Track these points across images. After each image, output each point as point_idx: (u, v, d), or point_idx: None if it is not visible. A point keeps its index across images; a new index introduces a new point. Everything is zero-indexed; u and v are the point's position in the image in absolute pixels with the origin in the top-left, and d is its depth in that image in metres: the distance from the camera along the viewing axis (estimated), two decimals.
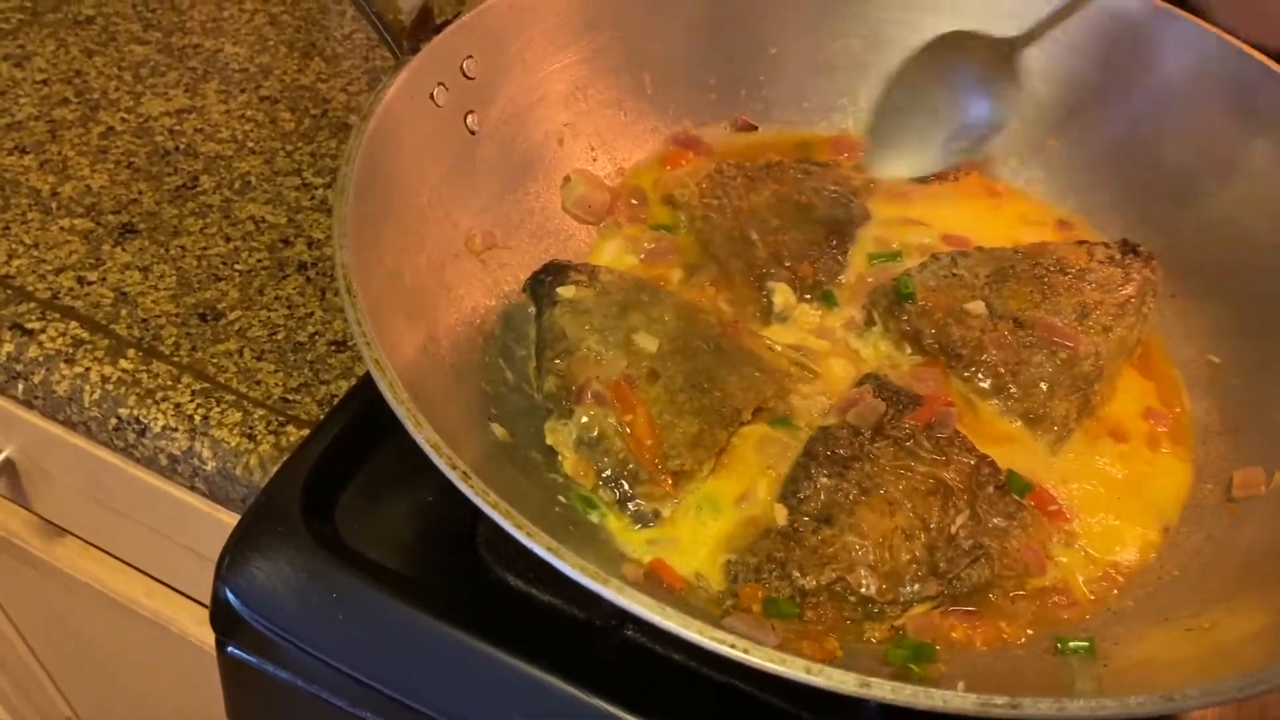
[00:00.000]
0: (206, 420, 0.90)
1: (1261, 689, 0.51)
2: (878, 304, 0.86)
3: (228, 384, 0.93)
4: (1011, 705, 0.49)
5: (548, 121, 0.91)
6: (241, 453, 0.89)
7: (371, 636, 0.77)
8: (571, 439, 0.73)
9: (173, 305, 0.98)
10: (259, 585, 0.79)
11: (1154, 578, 0.73)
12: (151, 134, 1.15)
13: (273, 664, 0.81)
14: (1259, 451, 0.77)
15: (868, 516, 0.72)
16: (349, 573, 0.78)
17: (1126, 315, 0.84)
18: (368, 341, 0.59)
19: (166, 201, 1.08)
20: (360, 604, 0.77)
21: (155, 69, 1.23)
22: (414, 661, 0.76)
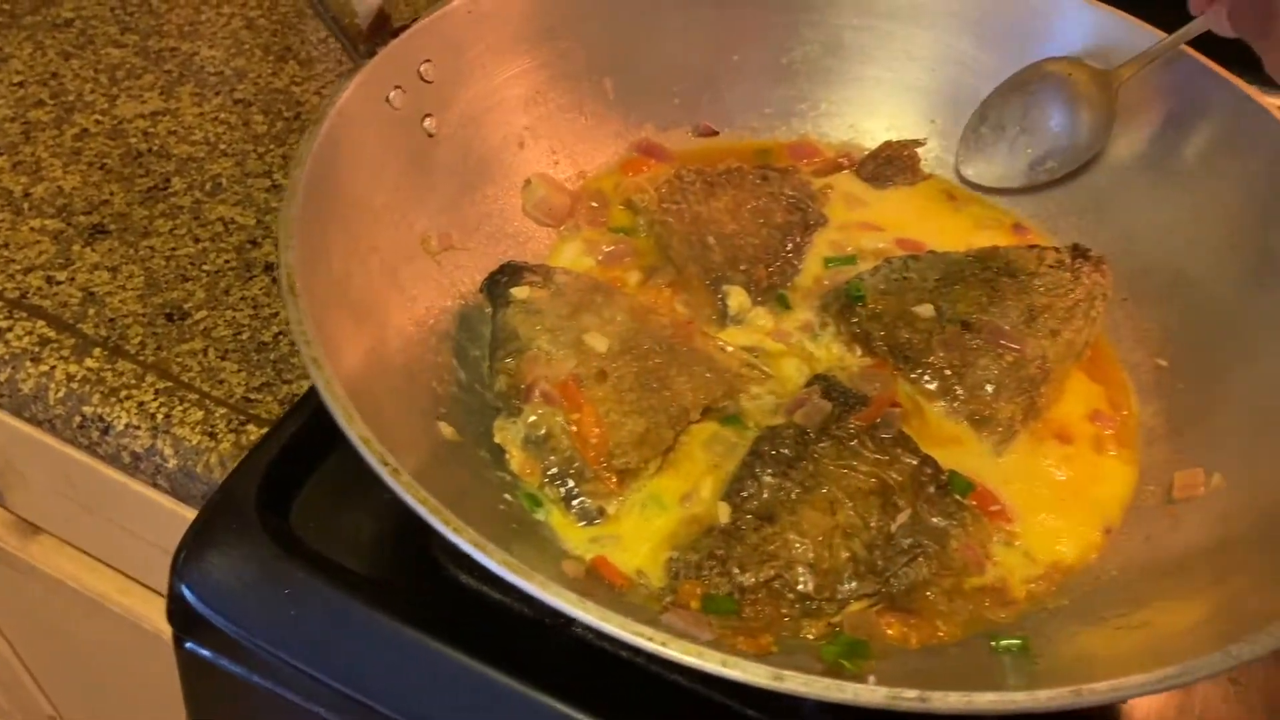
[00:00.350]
0: (169, 419, 0.91)
1: (1166, 686, 0.52)
2: (830, 307, 0.87)
3: (191, 383, 0.94)
4: (921, 698, 0.49)
5: (507, 125, 0.92)
6: (202, 451, 0.90)
7: (324, 633, 0.78)
8: (519, 437, 0.74)
9: (140, 305, 1.00)
10: (214, 581, 0.80)
11: (1092, 578, 0.73)
12: (125, 136, 1.16)
13: (229, 660, 0.82)
14: (1200, 454, 0.78)
15: (809, 515, 0.73)
16: (302, 569, 0.78)
17: (1074, 319, 0.85)
18: (307, 340, 0.61)
19: (137, 203, 1.09)
20: (312, 601, 0.78)
21: (131, 71, 1.24)
22: (366, 658, 0.77)
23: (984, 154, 0.97)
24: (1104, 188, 0.93)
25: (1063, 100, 0.93)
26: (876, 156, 1.00)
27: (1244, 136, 0.85)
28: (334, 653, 0.77)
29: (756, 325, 0.88)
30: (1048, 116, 0.94)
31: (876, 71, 1.01)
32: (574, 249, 0.92)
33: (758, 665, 0.50)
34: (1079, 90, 0.91)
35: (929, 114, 1.00)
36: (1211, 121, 0.87)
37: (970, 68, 0.98)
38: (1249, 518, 0.71)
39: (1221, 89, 0.86)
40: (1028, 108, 0.94)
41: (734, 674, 0.50)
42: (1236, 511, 0.72)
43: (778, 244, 0.92)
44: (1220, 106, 0.86)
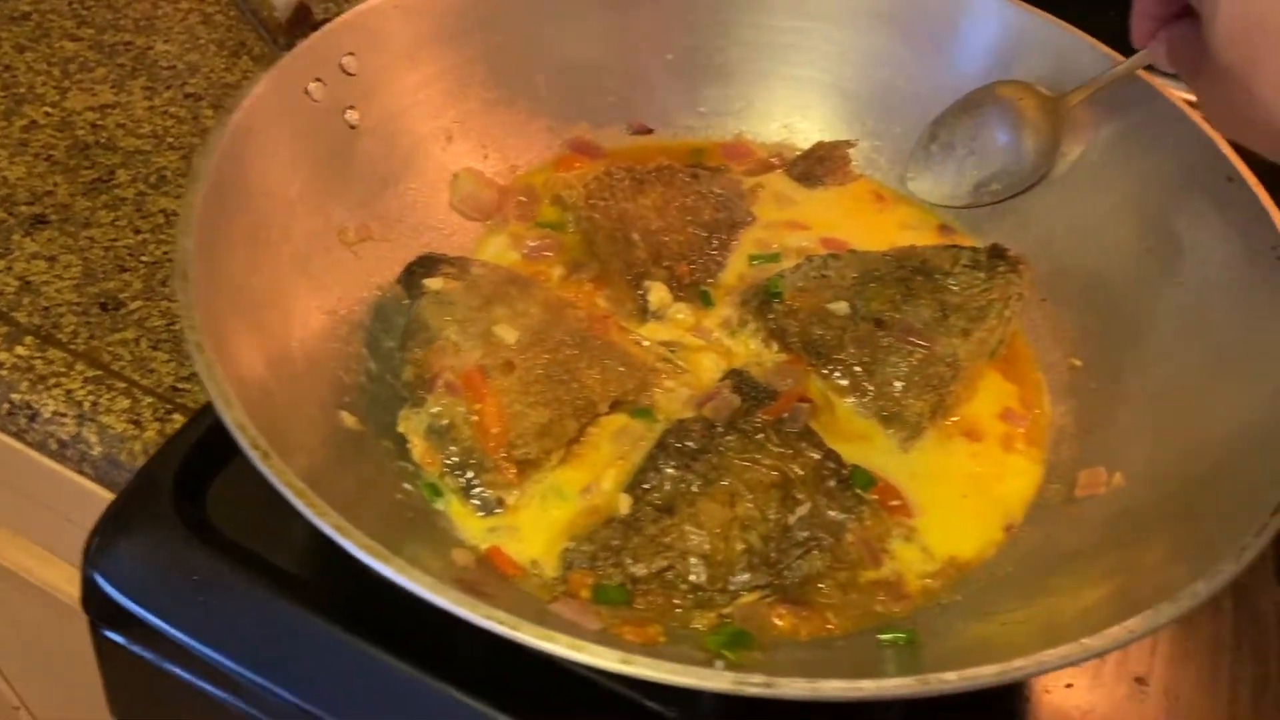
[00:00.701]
0: (95, 406, 0.92)
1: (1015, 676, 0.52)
2: (749, 303, 0.88)
3: (120, 371, 0.94)
4: (767, 684, 0.50)
5: (435, 118, 0.93)
6: (127, 439, 0.90)
7: (235, 622, 0.78)
8: (422, 427, 0.74)
9: (75, 294, 1.00)
10: (126, 568, 0.80)
11: (988, 574, 0.74)
12: (73, 128, 1.17)
13: (142, 647, 0.82)
14: (1105, 453, 0.78)
15: (708, 507, 0.73)
16: (215, 557, 0.79)
17: (987, 318, 0.85)
18: (192, 325, 0.61)
19: (80, 194, 1.10)
20: (224, 589, 0.78)
21: (84, 65, 1.25)
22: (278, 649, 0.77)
23: (932, 172, 0.97)
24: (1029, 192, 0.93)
25: (1009, 124, 0.93)
26: (808, 156, 1.00)
27: (1152, 131, 0.85)
28: (245, 642, 0.77)
29: (676, 321, 0.88)
30: (995, 140, 0.94)
31: (810, 73, 1.01)
32: (499, 243, 0.92)
33: (606, 649, 0.51)
34: (1026, 116, 0.92)
35: (861, 115, 1.01)
36: (1124, 118, 0.88)
37: (901, 71, 0.99)
38: (1139, 520, 0.71)
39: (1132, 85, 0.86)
40: (977, 129, 0.95)
41: (583, 657, 0.51)
42: (1132, 509, 0.72)
43: (703, 241, 0.92)
44: (1132, 102, 0.87)
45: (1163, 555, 0.67)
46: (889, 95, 0.99)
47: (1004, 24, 0.93)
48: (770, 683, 0.50)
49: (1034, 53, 0.91)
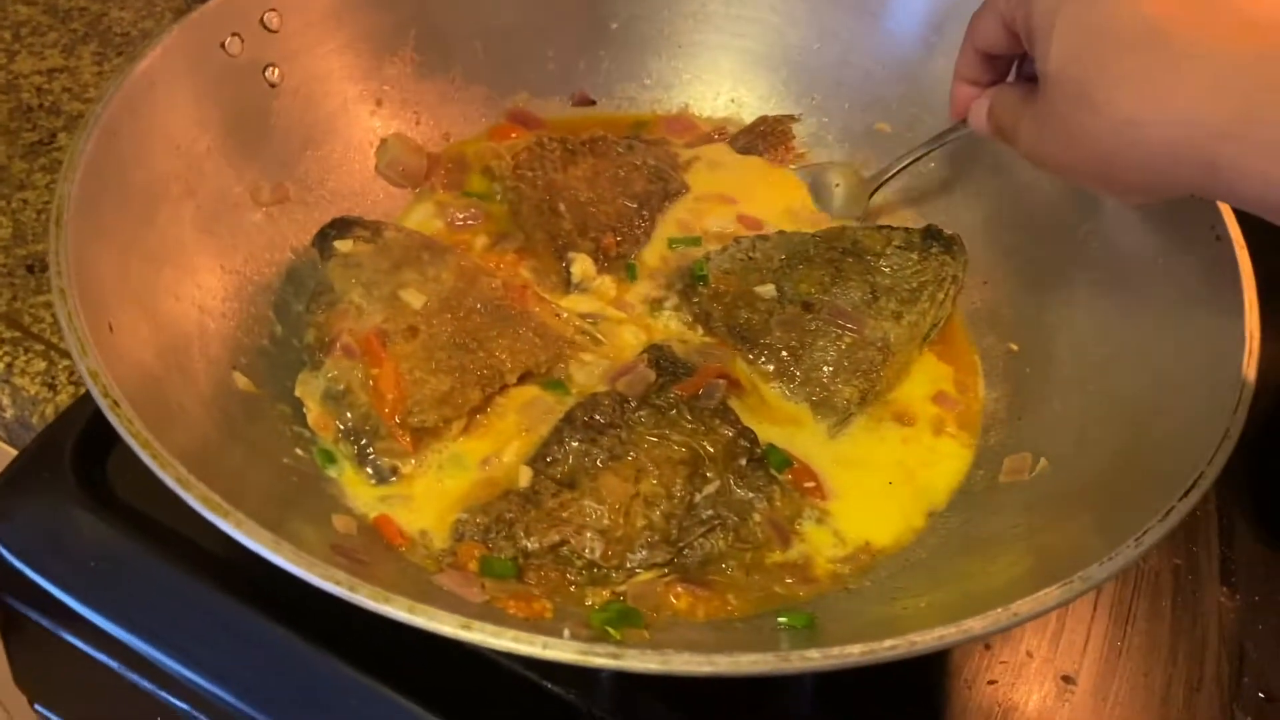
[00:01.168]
0: (10, 368, 0.90)
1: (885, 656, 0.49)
2: (674, 285, 0.85)
3: (40, 335, 0.92)
4: (613, 655, 0.47)
5: (363, 80, 0.90)
6: (39, 401, 0.88)
7: (128, 590, 0.76)
8: (318, 391, 0.72)
9: (2, 255, 0.98)
10: (21, 532, 0.78)
11: (902, 560, 0.71)
12: (18, 91, 1.15)
13: (38, 613, 0.80)
14: (1034, 439, 0.75)
15: (610, 482, 0.70)
16: (109, 524, 0.77)
17: (918, 301, 0.82)
18: (58, 271, 0.59)
19: (19, 156, 1.08)
20: (118, 556, 0.76)
21: (36, 29, 1.23)
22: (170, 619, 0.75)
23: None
24: (977, 167, 0.90)
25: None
26: (751, 130, 0.97)
27: None
28: (139, 611, 0.75)
29: (600, 294, 0.85)
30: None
31: (758, 45, 0.98)
32: (425, 211, 0.90)
33: (446, 614, 0.48)
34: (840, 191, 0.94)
35: (809, 90, 0.98)
36: None
37: (852, 45, 0.96)
38: (1059, 503, 0.68)
39: None
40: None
41: (419, 621, 0.48)
42: (1050, 497, 0.69)
43: (632, 213, 0.89)
44: None
45: (1076, 534, 0.63)
46: (838, 70, 0.96)
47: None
48: (617, 654, 0.47)
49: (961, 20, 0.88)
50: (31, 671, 0.87)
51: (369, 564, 0.62)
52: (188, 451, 0.57)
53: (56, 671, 0.84)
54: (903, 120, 0.94)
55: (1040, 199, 0.85)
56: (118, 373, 0.57)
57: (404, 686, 0.67)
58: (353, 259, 0.78)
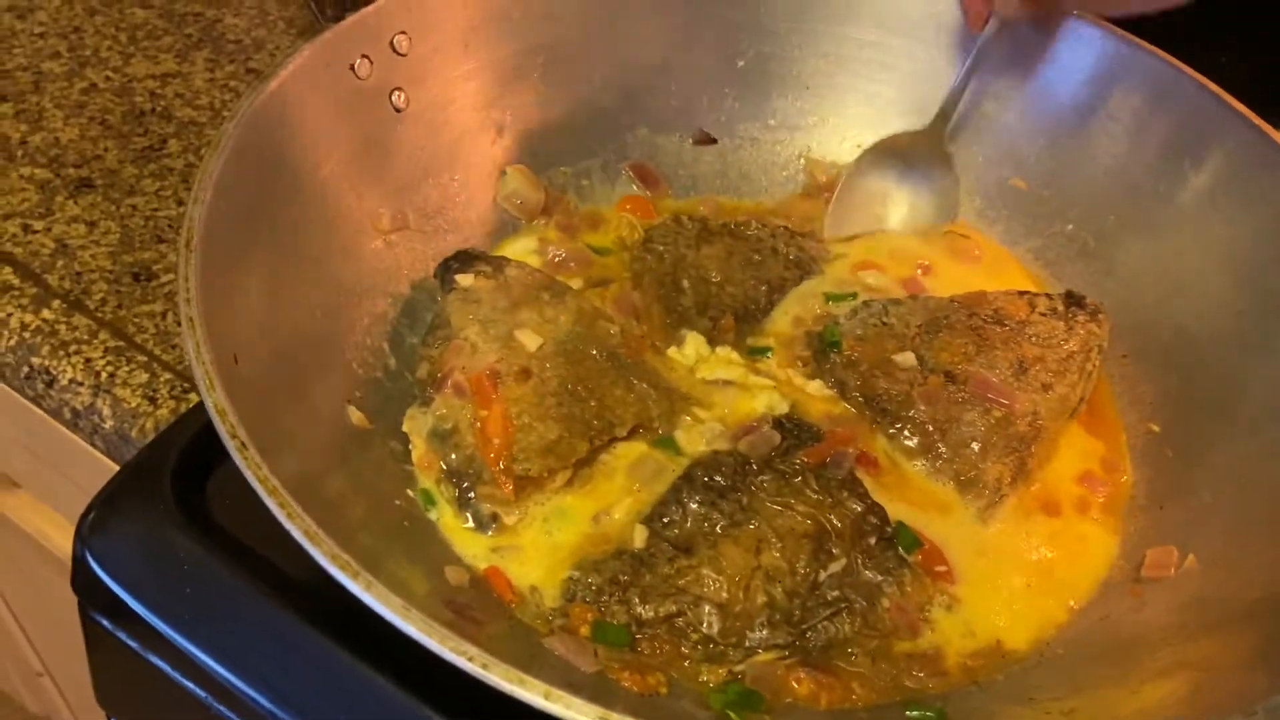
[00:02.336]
0: (113, 378, 0.89)
1: None
2: (804, 352, 0.81)
3: (143, 345, 0.91)
4: None
5: (486, 109, 0.88)
6: (140, 414, 0.87)
7: (218, 618, 0.74)
8: (426, 429, 0.69)
9: (109, 262, 0.98)
10: (116, 550, 0.76)
11: (1037, 654, 0.66)
12: (132, 94, 1.15)
13: (126, 633, 0.78)
14: (1178, 532, 0.70)
15: (730, 551, 0.67)
16: (205, 549, 0.75)
17: (1069, 373, 0.77)
18: (188, 299, 0.57)
19: (130, 161, 1.08)
20: (211, 582, 0.74)
21: (151, 33, 1.23)
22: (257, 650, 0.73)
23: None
24: (1113, 231, 0.85)
25: (904, 174, 0.92)
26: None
27: (1254, 178, 0.77)
28: (227, 640, 0.73)
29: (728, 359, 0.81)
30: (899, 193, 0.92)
31: (889, 91, 0.94)
32: (526, 244, 0.87)
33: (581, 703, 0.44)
34: (913, 160, 0.90)
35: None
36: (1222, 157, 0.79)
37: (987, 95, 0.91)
38: (1214, 611, 0.63)
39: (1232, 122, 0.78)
40: (876, 188, 0.93)
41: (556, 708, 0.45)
42: (1203, 601, 0.64)
43: (761, 297, 0.85)
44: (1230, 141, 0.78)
45: (1237, 657, 0.59)
46: (977, 120, 0.92)
47: (1103, 52, 0.85)
48: None
49: (1129, 86, 0.84)
50: (114, 690, 0.86)
51: (483, 623, 0.59)
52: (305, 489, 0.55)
53: (139, 693, 0.83)
54: (1041, 178, 0.90)
55: (1191, 271, 0.81)
56: (242, 409, 0.55)
57: None
58: (472, 294, 0.75)
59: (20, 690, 1.76)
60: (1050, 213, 0.89)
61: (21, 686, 1.74)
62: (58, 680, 1.68)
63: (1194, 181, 0.80)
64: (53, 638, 1.60)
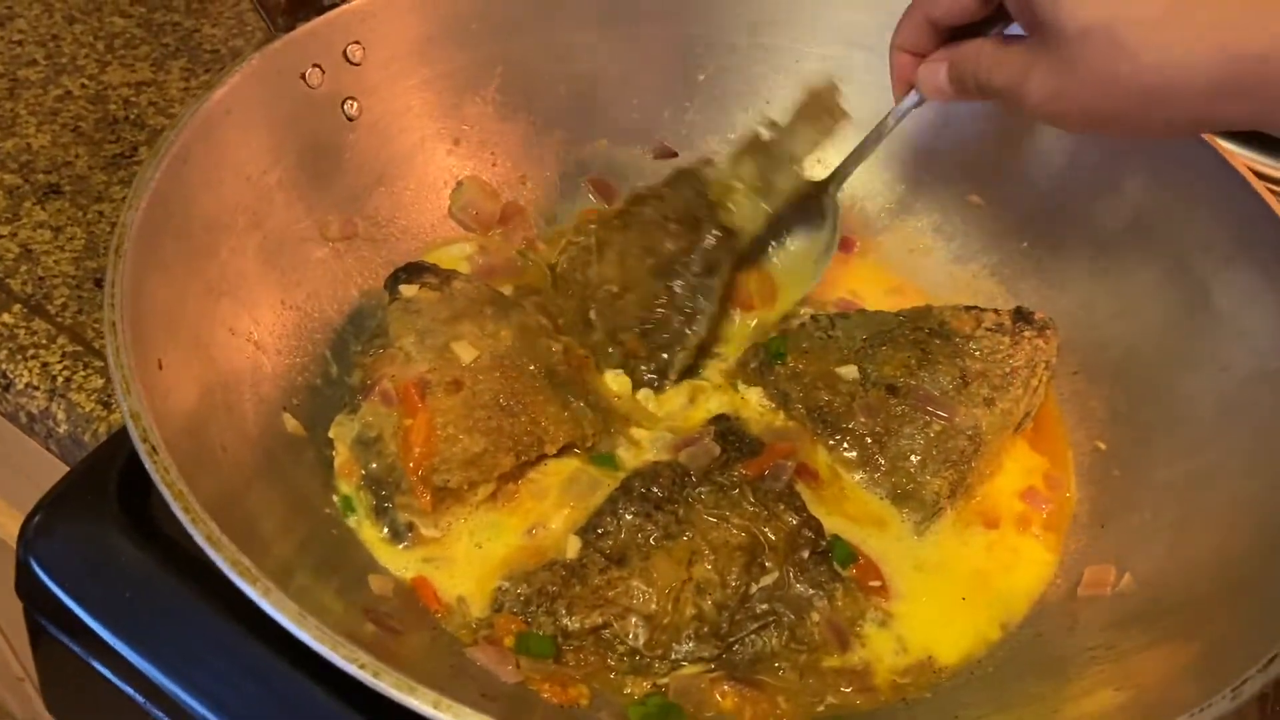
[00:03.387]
0: (68, 383, 0.89)
1: None
2: (748, 364, 0.81)
3: (101, 350, 0.91)
4: None
5: (443, 119, 0.88)
6: (93, 419, 0.87)
7: (160, 624, 0.74)
8: (351, 435, 0.69)
9: (73, 268, 0.98)
10: (59, 554, 0.77)
11: (967, 671, 0.65)
12: (106, 102, 1.16)
13: (69, 638, 0.78)
14: (1118, 551, 0.70)
15: (662, 563, 0.66)
16: (148, 555, 0.75)
17: (1012, 387, 0.77)
18: (112, 303, 0.57)
19: (100, 168, 1.08)
20: (153, 589, 0.74)
21: (129, 41, 1.24)
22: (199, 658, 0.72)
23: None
24: (1067, 248, 0.85)
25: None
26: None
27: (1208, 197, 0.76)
28: (168, 647, 0.73)
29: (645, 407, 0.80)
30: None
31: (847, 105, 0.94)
32: (462, 249, 0.86)
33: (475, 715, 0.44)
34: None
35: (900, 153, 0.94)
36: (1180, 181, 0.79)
37: (949, 111, 0.91)
38: (1147, 629, 0.62)
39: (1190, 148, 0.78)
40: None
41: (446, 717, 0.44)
42: (1136, 618, 0.64)
43: (661, 292, 0.83)
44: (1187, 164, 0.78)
45: (1167, 673, 0.58)
46: (933, 135, 0.92)
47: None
48: None
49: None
50: (61, 696, 0.86)
51: (401, 632, 0.59)
52: (224, 495, 0.55)
53: (84, 699, 0.83)
54: (997, 194, 0.90)
55: (1142, 288, 0.80)
56: (161, 412, 0.56)
57: None
58: (414, 304, 0.75)
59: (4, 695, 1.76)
60: (1005, 229, 0.89)
61: (4, 690, 1.74)
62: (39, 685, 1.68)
63: (1141, 198, 0.80)
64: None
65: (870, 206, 0.94)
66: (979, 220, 0.89)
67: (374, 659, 0.45)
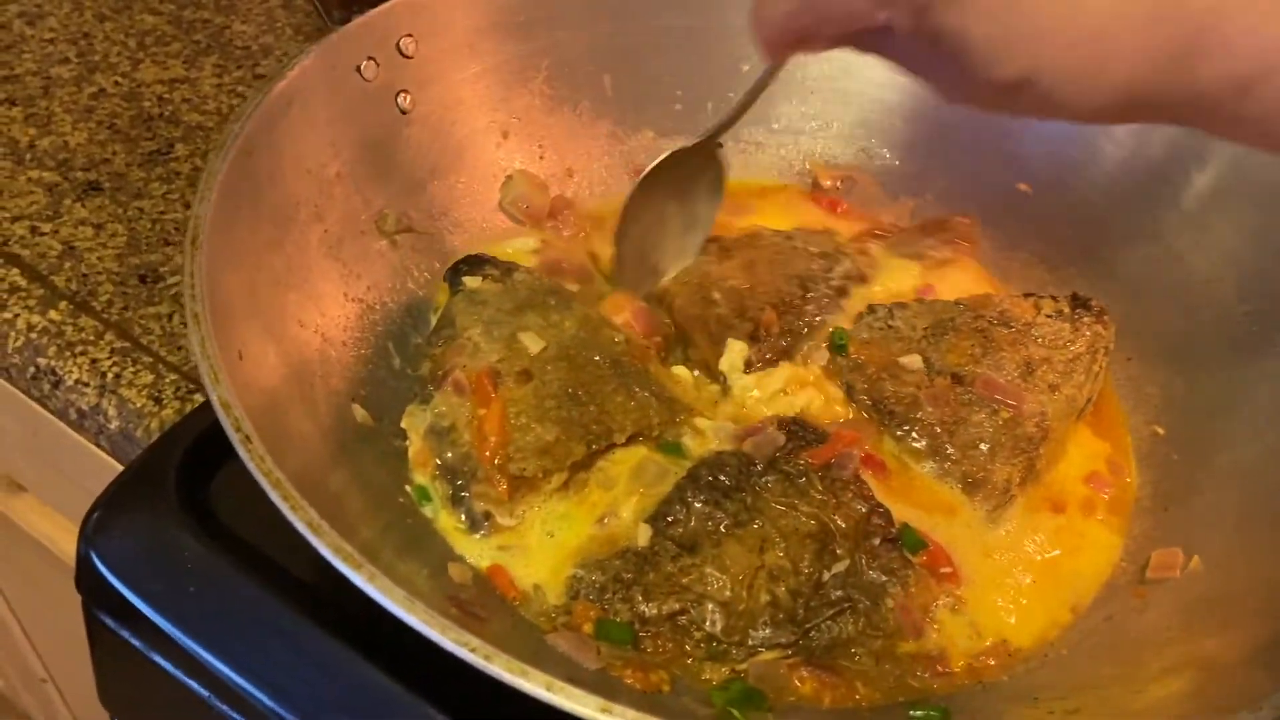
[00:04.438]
0: (118, 379, 0.89)
1: None
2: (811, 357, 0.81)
3: (149, 346, 0.91)
4: None
5: (492, 111, 0.88)
6: (145, 415, 0.87)
7: (223, 617, 0.74)
8: (424, 425, 0.69)
9: (116, 264, 0.98)
10: (120, 549, 0.77)
11: (1041, 655, 0.66)
12: (140, 99, 1.16)
13: (130, 632, 0.78)
14: (1184, 534, 0.70)
15: (734, 550, 0.67)
16: (209, 548, 0.75)
17: (1075, 373, 0.77)
18: (193, 295, 0.57)
19: (137, 164, 1.08)
20: (215, 581, 0.74)
21: (160, 39, 1.24)
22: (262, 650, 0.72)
23: (635, 267, 0.84)
24: (1117, 234, 0.85)
25: (678, 186, 0.82)
26: (922, 229, 0.92)
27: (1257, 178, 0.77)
28: (231, 640, 0.73)
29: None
30: (677, 206, 0.83)
31: (894, 96, 0.95)
32: (526, 244, 0.86)
33: (589, 697, 0.44)
34: (687, 170, 0.81)
35: (945, 144, 0.94)
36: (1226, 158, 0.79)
37: None
38: (1218, 611, 0.63)
39: None
40: (656, 209, 0.83)
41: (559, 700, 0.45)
42: (1207, 602, 0.64)
43: (795, 288, 0.83)
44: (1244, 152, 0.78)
45: (1240, 656, 0.58)
46: (978, 125, 0.92)
47: None
48: None
49: None
50: (118, 690, 0.86)
51: (485, 619, 0.59)
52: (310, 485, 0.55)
53: (143, 692, 0.83)
54: (1044, 181, 0.90)
55: (1194, 273, 0.81)
56: (247, 403, 0.55)
57: None
58: (478, 295, 0.76)
59: (22, 695, 1.76)
60: (1053, 216, 0.89)
61: (24, 692, 1.74)
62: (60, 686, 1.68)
63: (1197, 183, 0.80)
64: (56, 643, 1.59)
65: (911, 200, 0.94)
66: (1027, 207, 0.89)
67: (484, 643, 0.45)
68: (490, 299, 0.76)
